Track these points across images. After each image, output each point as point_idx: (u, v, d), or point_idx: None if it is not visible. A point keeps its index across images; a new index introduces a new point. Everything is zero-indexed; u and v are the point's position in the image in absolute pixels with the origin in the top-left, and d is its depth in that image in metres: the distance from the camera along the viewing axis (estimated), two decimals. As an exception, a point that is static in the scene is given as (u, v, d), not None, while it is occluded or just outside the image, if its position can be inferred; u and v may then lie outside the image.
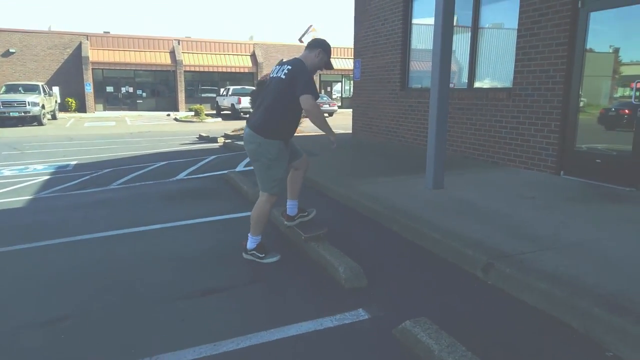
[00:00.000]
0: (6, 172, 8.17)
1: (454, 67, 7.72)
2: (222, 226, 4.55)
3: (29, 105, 18.89)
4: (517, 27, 6.50)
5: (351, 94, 37.37)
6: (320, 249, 3.44)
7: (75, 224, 4.67)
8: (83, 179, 7.37)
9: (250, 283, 3.18)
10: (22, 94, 19.78)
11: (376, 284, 3.07)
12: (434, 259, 3.53)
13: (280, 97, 3.30)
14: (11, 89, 20.63)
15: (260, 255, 3.48)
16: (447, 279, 3.17)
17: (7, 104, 18.85)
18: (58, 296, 3.01)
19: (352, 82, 14.04)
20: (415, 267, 3.40)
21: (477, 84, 7.56)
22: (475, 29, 7.42)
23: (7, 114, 18.75)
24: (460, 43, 7.74)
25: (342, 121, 19.78)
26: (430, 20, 5.81)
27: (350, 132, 11.59)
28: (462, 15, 7.69)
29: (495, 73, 7.36)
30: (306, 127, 14.45)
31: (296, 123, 3.55)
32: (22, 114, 18.98)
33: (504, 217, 4.13)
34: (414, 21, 9.15)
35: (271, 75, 3.47)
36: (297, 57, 3.48)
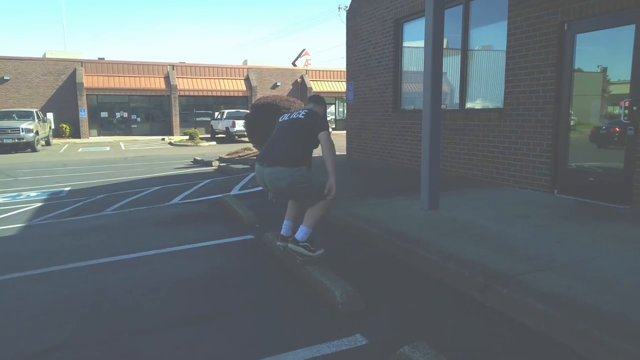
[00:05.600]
0: (-2, 200, 8.10)
1: (445, 88, 7.84)
2: (217, 251, 4.51)
3: (22, 131, 18.87)
4: (505, 49, 6.63)
5: (345, 115, 37.59)
6: (316, 273, 3.41)
7: (68, 252, 4.60)
8: (77, 205, 7.31)
9: (245, 309, 3.13)
10: (16, 121, 19.79)
11: (373, 308, 3.03)
12: (430, 280, 3.50)
13: (302, 133, 3.66)
14: (5, 115, 20.65)
15: (312, 249, 3.59)
16: (445, 301, 3.13)
17: (1, 130, 18.80)
18: (48, 326, 2.94)
19: (345, 104, 14.21)
20: (412, 290, 3.36)
21: (468, 105, 7.65)
22: (465, 51, 7.55)
23: (0, 141, 18.70)
24: (451, 65, 7.87)
25: (336, 143, 19.83)
26: (421, 43, 5.92)
27: (345, 153, 11.65)
28: (451, 38, 7.84)
29: (487, 94, 7.46)
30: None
31: (311, 155, 3.79)
32: (16, 140, 18.93)
33: (500, 237, 4.13)
34: (405, 44, 9.31)
35: (284, 119, 3.87)
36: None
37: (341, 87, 33.59)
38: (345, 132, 12.17)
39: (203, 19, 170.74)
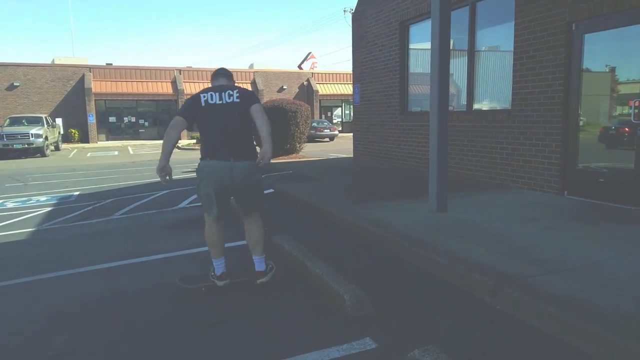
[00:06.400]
0: (9, 205, 8.17)
1: (452, 90, 7.80)
2: (225, 254, 4.50)
3: (32, 137, 19.07)
4: (513, 50, 6.59)
5: (351, 118, 37.66)
6: (324, 276, 3.40)
7: (77, 256, 4.63)
8: (86, 209, 7.36)
9: (255, 312, 3.13)
10: (25, 126, 19.99)
11: (382, 311, 3.02)
12: (440, 283, 3.48)
13: (244, 118, 3.35)
14: (15, 121, 20.89)
15: (273, 272, 3.55)
16: (454, 304, 3.11)
17: (11, 136, 19.05)
18: (57, 332, 2.95)
19: (352, 106, 14.22)
20: (421, 293, 3.34)
21: (476, 106, 7.62)
22: (472, 53, 7.52)
23: (10, 146, 18.93)
24: (458, 66, 7.83)
25: (342, 145, 19.89)
26: (427, 45, 5.90)
27: (352, 156, 11.63)
28: (458, 39, 7.81)
29: (494, 95, 7.42)
30: (308, 152, 14.58)
31: None
32: (26, 145, 19.14)
33: (510, 239, 4.09)
34: (411, 46, 9.29)
35: (214, 102, 3.31)
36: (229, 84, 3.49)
37: (347, 89, 33.59)
38: (351, 134, 12.17)
39: (209, 24, 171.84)
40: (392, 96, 9.66)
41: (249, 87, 32.77)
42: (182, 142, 26.71)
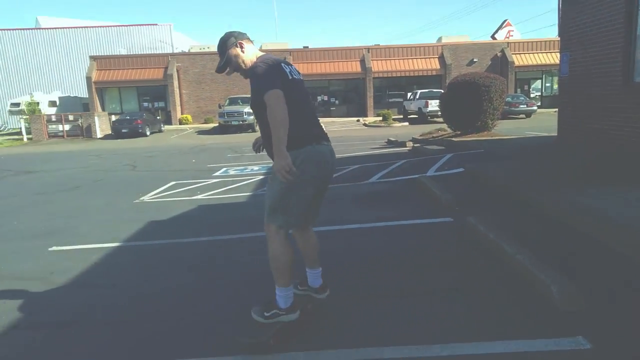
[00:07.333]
0: (231, 172, 9.77)
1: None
2: (414, 230, 4.58)
3: (245, 115, 22.28)
4: None
5: (553, 91, 33.26)
6: (527, 263, 3.17)
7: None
8: (289, 179, 8.30)
9: (450, 290, 3.12)
10: (240, 106, 23.43)
11: (596, 310, 2.68)
12: (677, 288, 2.90)
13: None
14: (232, 101, 24.69)
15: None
16: (699, 316, 2.57)
17: (230, 114, 22.67)
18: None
19: (554, 78, 12.57)
20: (650, 296, 2.85)
21: None
22: None
23: (230, 123, 22.53)
24: None
25: (542, 122, 17.81)
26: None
27: (555, 134, 10.38)
28: None
29: None
30: (501, 130, 13.53)
31: None
32: (240, 122, 22.51)
33: None
34: (644, 1, 7.67)
35: (295, 77, 2.66)
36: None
37: (549, 59, 29.76)
38: (552, 110, 10.81)
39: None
40: (613, 64, 8.19)
41: (436, 63, 31.81)
42: (369, 120, 27.62)
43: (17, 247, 4.96)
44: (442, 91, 18.88)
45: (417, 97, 25.09)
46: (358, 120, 28.41)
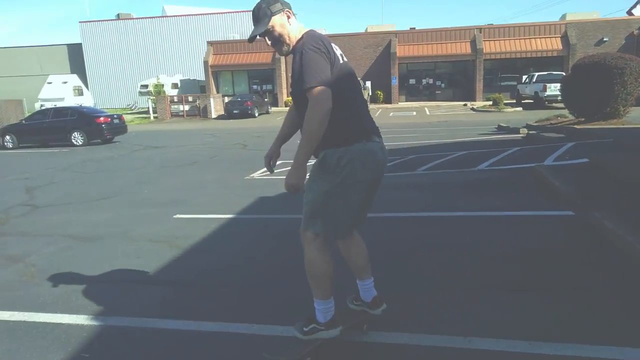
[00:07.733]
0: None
1: None
2: (529, 223, 4.28)
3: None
4: None
5: None
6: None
7: (386, 203, 5.17)
8: (392, 163, 8.21)
9: (573, 289, 2.87)
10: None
11: None
12: None
13: None
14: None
15: None
16: None
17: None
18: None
19: None
20: None
21: None
22: None
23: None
24: None
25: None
26: None
27: None
28: None
29: None
30: (636, 118, 11.96)
31: None
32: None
33: None
34: None
35: (344, 61, 2.26)
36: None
37: (702, 36, 25.45)
38: None
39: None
40: None
41: (558, 42, 28.96)
42: (477, 104, 26.19)
43: (148, 213, 5.59)
44: (564, 74, 17.17)
45: (534, 80, 23.09)
46: (465, 105, 27.07)
